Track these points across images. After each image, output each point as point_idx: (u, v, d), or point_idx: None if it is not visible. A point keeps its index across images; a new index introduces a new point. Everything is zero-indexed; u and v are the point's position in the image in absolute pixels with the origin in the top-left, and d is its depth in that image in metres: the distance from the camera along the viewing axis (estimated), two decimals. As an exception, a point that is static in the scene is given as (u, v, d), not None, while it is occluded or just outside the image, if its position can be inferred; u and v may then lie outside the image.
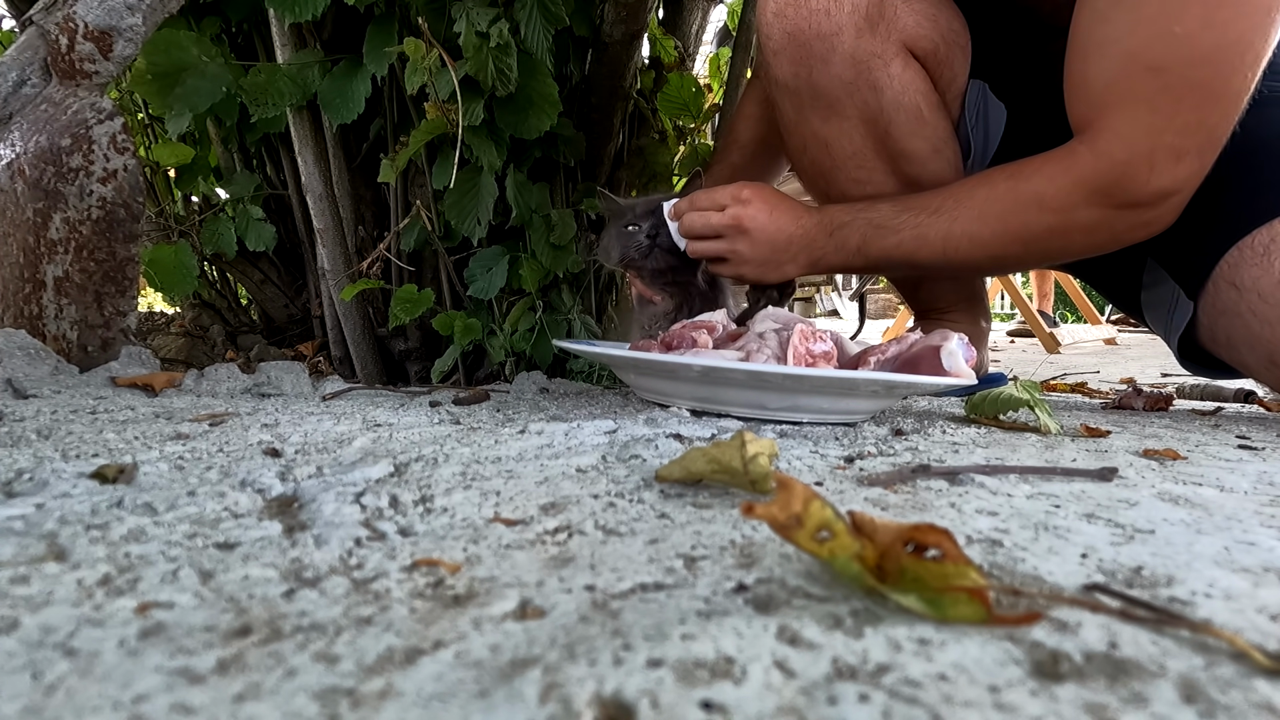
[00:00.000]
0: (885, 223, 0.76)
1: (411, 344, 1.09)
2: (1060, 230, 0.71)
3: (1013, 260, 0.76)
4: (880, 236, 0.76)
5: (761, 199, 0.79)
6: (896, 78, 0.78)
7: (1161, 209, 0.68)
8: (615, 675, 0.20)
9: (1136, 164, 0.66)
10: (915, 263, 0.76)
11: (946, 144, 0.84)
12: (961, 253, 0.74)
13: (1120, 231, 0.71)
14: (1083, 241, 0.72)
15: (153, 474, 0.39)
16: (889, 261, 0.77)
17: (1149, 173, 0.66)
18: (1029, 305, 2.83)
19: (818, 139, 0.84)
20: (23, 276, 0.73)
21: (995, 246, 0.73)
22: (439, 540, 0.31)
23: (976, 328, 0.98)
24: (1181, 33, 0.61)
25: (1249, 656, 0.22)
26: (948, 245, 0.74)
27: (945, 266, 0.76)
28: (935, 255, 0.75)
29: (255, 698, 0.19)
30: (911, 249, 0.75)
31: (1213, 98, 0.63)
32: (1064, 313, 6.22)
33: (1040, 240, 0.72)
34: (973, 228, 0.73)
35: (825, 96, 0.80)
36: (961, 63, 0.82)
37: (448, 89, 0.82)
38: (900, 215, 0.76)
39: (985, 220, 0.73)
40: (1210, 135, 0.65)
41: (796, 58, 0.79)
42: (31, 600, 0.24)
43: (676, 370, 0.62)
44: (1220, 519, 0.37)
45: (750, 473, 0.38)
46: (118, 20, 0.74)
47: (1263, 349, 0.70)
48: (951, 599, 0.24)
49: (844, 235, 0.77)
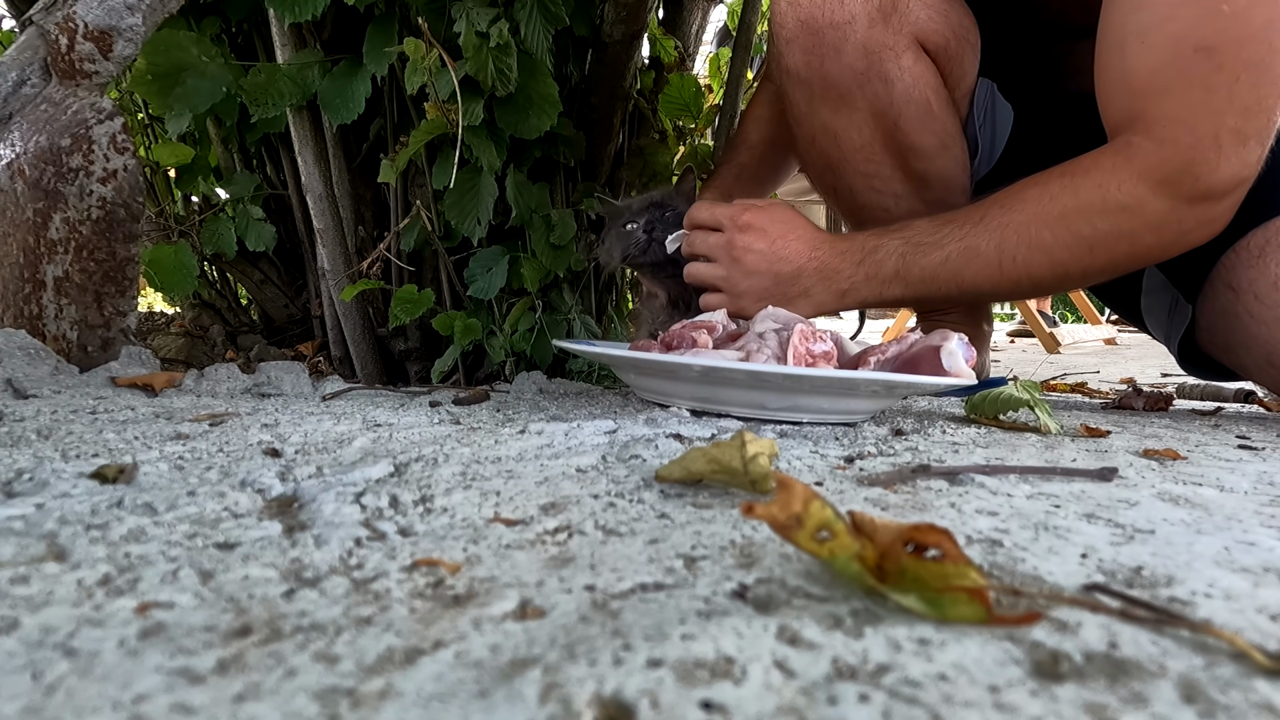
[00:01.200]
0: (925, 239, 0.69)
1: (411, 344, 1.09)
2: (1129, 229, 0.65)
3: (1078, 271, 0.68)
4: (921, 254, 0.69)
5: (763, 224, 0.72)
6: (907, 70, 0.78)
7: (1229, 200, 0.65)
8: (615, 675, 0.20)
9: (1204, 148, 0.62)
10: (965, 282, 0.69)
11: (954, 141, 0.84)
12: (1020, 264, 0.67)
13: (1189, 228, 0.66)
14: (1151, 242, 0.66)
15: (153, 474, 0.39)
16: (935, 284, 0.70)
17: (1217, 156, 0.62)
18: (1029, 305, 2.83)
19: (827, 131, 0.83)
20: (23, 276, 0.73)
21: (1059, 252, 0.66)
22: (439, 540, 0.31)
23: (978, 330, 0.98)
24: (1230, 10, 0.59)
25: (1249, 656, 0.22)
26: (1003, 256, 0.67)
27: (1002, 284, 0.69)
28: (990, 270, 0.67)
29: (255, 698, 0.19)
30: (959, 265, 0.68)
31: (1268, 77, 0.60)
32: (1064, 313, 6.22)
33: (1108, 243, 0.66)
34: (1031, 233, 0.66)
35: (836, 87, 0.79)
36: (971, 60, 0.82)
37: (448, 89, 0.82)
38: (941, 229, 0.69)
39: (1045, 223, 0.66)
40: (1270, 117, 0.62)
41: (809, 46, 0.78)
42: (31, 600, 0.24)
43: (676, 370, 0.62)
44: (1220, 519, 0.37)
45: (750, 473, 0.38)
46: (118, 20, 0.74)
47: (1260, 350, 0.70)
48: (951, 599, 0.24)
49: (877, 261, 0.70)
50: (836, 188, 0.88)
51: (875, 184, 0.85)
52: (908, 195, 0.85)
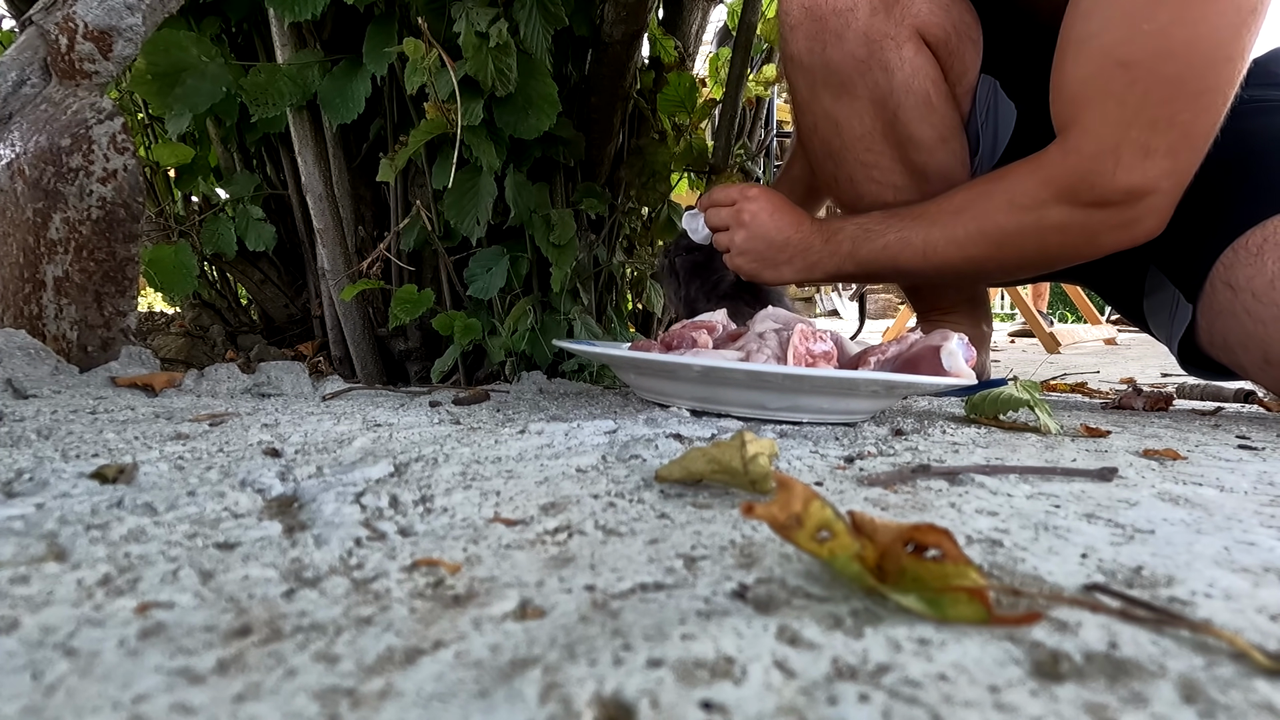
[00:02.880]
0: (873, 227, 0.78)
1: (411, 344, 1.09)
2: (1032, 231, 0.71)
3: (991, 264, 0.76)
4: (868, 240, 0.78)
5: (766, 198, 0.83)
6: (908, 61, 0.79)
7: (1136, 210, 0.68)
8: (615, 675, 0.20)
9: (1102, 158, 0.66)
10: (899, 267, 0.78)
11: (954, 135, 0.85)
12: (939, 255, 0.75)
13: (1097, 233, 0.70)
14: (1058, 243, 0.72)
15: (153, 474, 0.39)
16: (876, 265, 0.79)
17: (1114, 167, 0.66)
18: (1029, 305, 2.83)
19: (829, 118, 0.85)
20: (23, 276, 0.73)
21: (970, 248, 0.74)
22: (439, 540, 0.31)
23: (978, 331, 0.98)
24: (1151, 29, 0.61)
25: (1249, 656, 0.22)
26: (927, 248, 0.75)
27: (926, 270, 0.77)
28: (916, 259, 0.76)
29: (255, 698, 0.19)
30: (895, 252, 0.77)
31: (1184, 94, 0.63)
32: (1064, 313, 6.23)
33: (1014, 241, 0.72)
34: (950, 230, 0.74)
35: (838, 74, 0.81)
36: (973, 57, 0.83)
37: (447, 89, 0.82)
38: (888, 220, 0.78)
39: (961, 221, 0.74)
40: (1184, 134, 0.64)
41: (812, 33, 0.80)
42: (31, 600, 0.24)
43: (676, 370, 0.62)
44: (1220, 519, 0.37)
45: (750, 473, 0.38)
46: (117, 20, 0.74)
47: (1257, 348, 0.70)
48: (951, 599, 0.24)
49: (837, 241, 0.80)
50: (837, 176, 0.89)
51: (875, 174, 0.86)
52: (906, 188, 0.86)
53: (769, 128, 1.33)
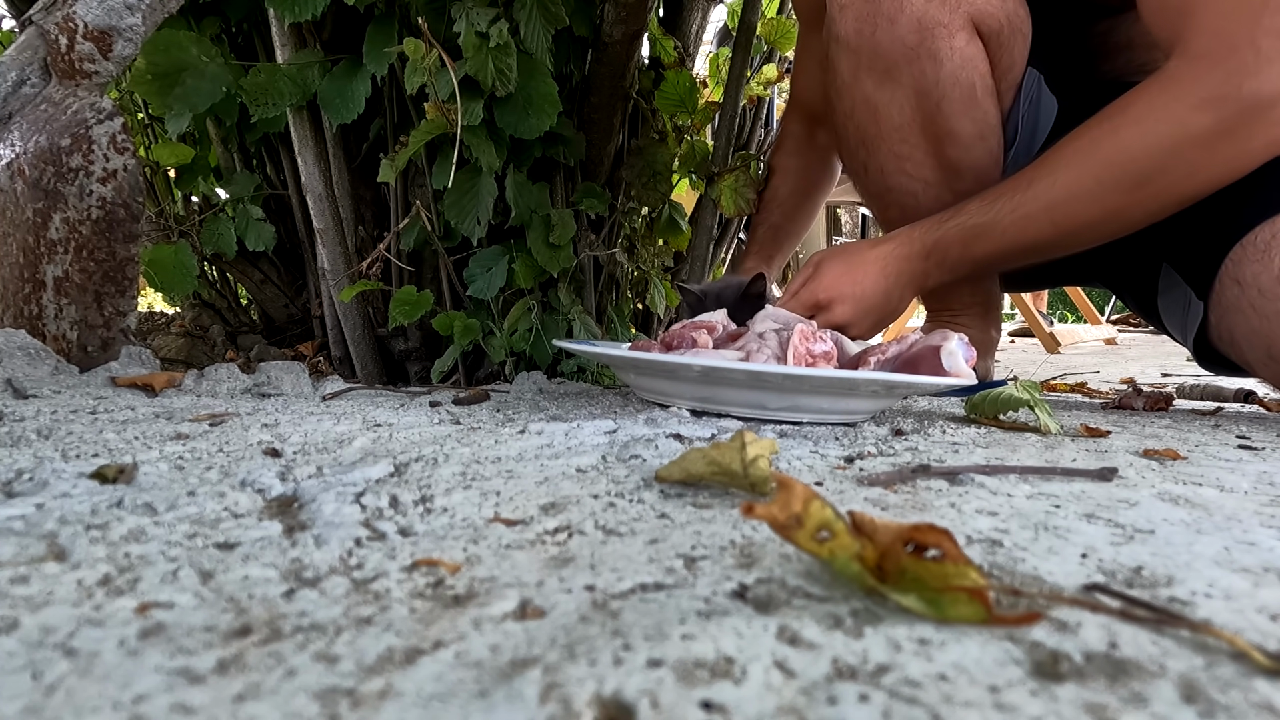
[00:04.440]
0: (979, 220, 0.73)
1: (411, 344, 1.09)
2: (1175, 153, 0.64)
3: (1135, 210, 0.68)
4: (980, 236, 0.73)
5: (841, 297, 0.76)
6: (959, 51, 0.77)
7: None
8: (615, 675, 0.20)
9: (1241, 53, 0.60)
10: (1028, 247, 0.72)
11: (993, 132, 0.83)
12: (1074, 216, 0.68)
13: (1248, 139, 0.63)
14: (1206, 163, 0.64)
15: (153, 474, 0.39)
16: (1003, 256, 0.74)
17: (1256, 59, 0.60)
18: (1029, 305, 2.83)
19: (868, 104, 0.83)
20: (23, 276, 0.73)
21: (1108, 197, 0.67)
22: (439, 540, 0.31)
23: (986, 336, 0.97)
24: None
25: (1249, 656, 0.22)
26: (1054, 214, 0.68)
27: (1060, 238, 0.70)
28: (1046, 230, 0.69)
29: (255, 698, 0.19)
30: (1017, 235, 0.71)
31: None
32: (1064, 313, 6.23)
33: (1157, 172, 0.65)
34: (1076, 183, 0.67)
35: (884, 59, 0.79)
36: (1021, 50, 0.81)
37: (447, 89, 0.82)
38: (993, 206, 0.72)
39: (1089, 169, 0.67)
40: None
41: (863, 14, 0.78)
42: (31, 600, 0.24)
43: (676, 370, 0.62)
44: (1220, 519, 0.37)
45: (750, 473, 0.38)
46: (117, 20, 0.74)
47: (1261, 344, 0.70)
48: (951, 599, 0.24)
49: (943, 252, 0.75)
50: (868, 165, 0.88)
51: (907, 166, 0.85)
52: (937, 183, 0.85)
53: (769, 128, 1.33)
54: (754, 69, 1.18)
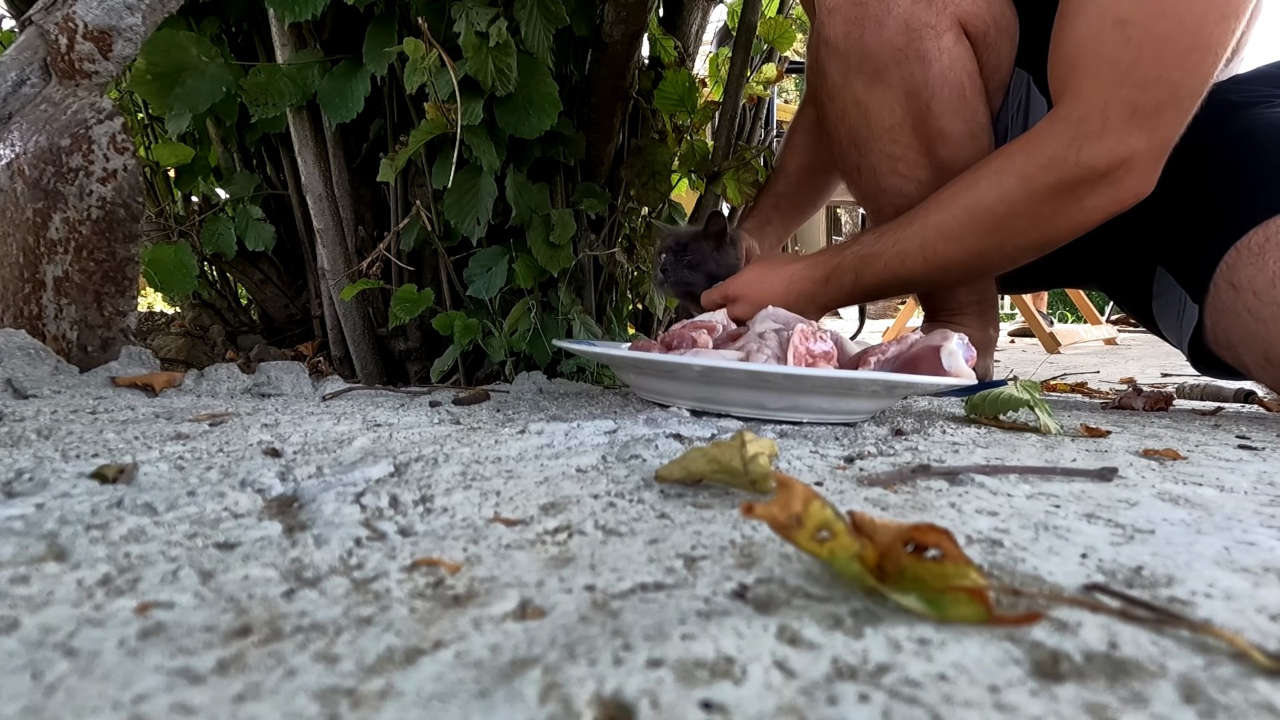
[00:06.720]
0: (869, 250, 0.78)
1: (411, 344, 1.09)
2: (1023, 204, 0.70)
3: (993, 253, 0.75)
4: (868, 265, 0.78)
5: (741, 290, 0.82)
6: (946, 52, 0.78)
7: (1120, 170, 0.67)
8: (615, 675, 0.20)
9: (1089, 120, 0.65)
10: (905, 278, 0.78)
11: (983, 131, 0.84)
12: (939, 255, 0.74)
13: (1085, 197, 0.69)
14: (1051, 215, 0.70)
15: (153, 474, 0.39)
16: (885, 285, 0.79)
17: (1101, 127, 0.65)
18: (1029, 305, 2.83)
19: (859, 106, 0.84)
20: (23, 276, 0.73)
21: (967, 239, 0.73)
22: (439, 540, 0.31)
23: (985, 335, 0.98)
24: None
25: (1249, 656, 0.22)
26: (925, 250, 0.75)
27: (931, 273, 0.77)
28: (919, 265, 0.76)
29: (255, 698, 0.19)
30: (897, 266, 0.76)
31: (1175, 51, 0.63)
32: (1064, 313, 6.23)
33: (1007, 221, 0.71)
34: (943, 225, 0.73)
35: (873, 60, 0.80)
36: (1009, 51, 0.82)
37: (447, 89, 0.82)
38: (881, 238, 0.78)
39: (952, 212, 0.73)
40: (1172, 92, 0.64)
41: (851, 16, 0.79)
42: (31, 600, 0.24)
43: (676, 370, 0.62)
44: (1220, 519, 0.37)
45: (750, 473, 0.38)
46: (117, 20, 0.74)
47: (1258, 347, 0.70)
48: (951, 599, 0.24)
49: (840, 278, 0.79)
50: (860, 167, 0.88)
51: (899, 167, 0.85)
52: (929, 183, 0.85)
53: (769, 128, 1.33)
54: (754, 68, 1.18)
